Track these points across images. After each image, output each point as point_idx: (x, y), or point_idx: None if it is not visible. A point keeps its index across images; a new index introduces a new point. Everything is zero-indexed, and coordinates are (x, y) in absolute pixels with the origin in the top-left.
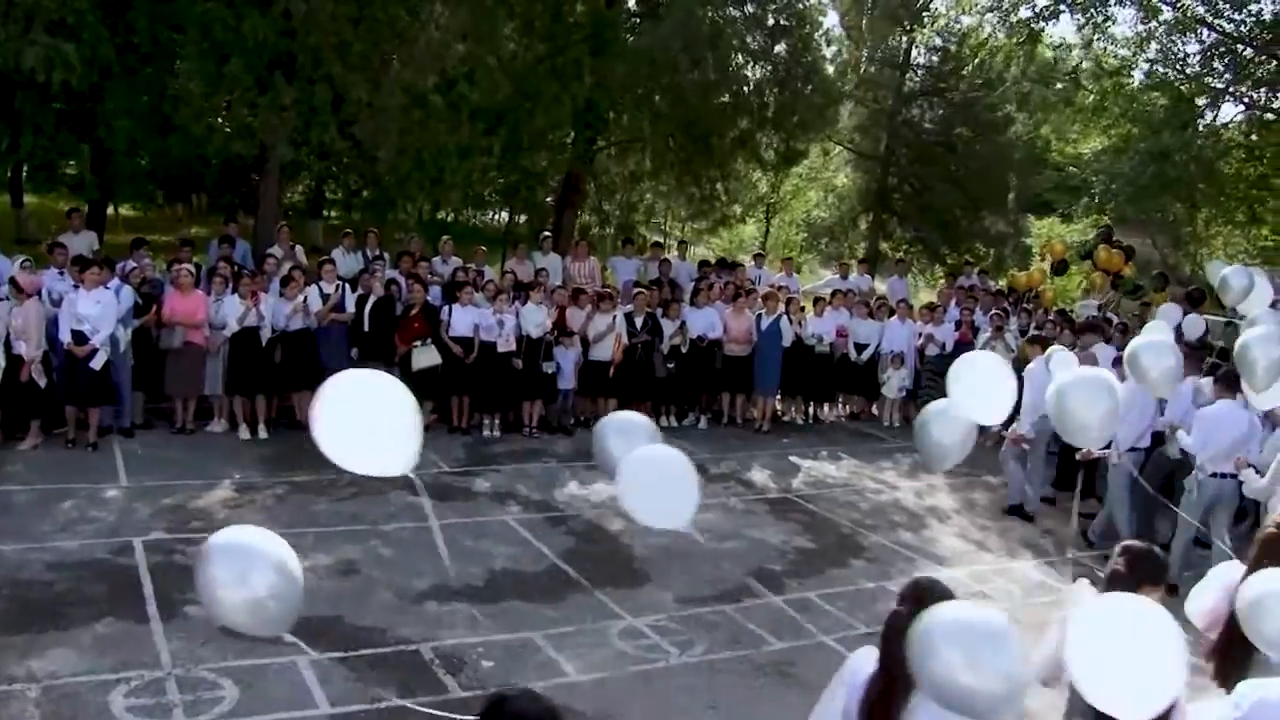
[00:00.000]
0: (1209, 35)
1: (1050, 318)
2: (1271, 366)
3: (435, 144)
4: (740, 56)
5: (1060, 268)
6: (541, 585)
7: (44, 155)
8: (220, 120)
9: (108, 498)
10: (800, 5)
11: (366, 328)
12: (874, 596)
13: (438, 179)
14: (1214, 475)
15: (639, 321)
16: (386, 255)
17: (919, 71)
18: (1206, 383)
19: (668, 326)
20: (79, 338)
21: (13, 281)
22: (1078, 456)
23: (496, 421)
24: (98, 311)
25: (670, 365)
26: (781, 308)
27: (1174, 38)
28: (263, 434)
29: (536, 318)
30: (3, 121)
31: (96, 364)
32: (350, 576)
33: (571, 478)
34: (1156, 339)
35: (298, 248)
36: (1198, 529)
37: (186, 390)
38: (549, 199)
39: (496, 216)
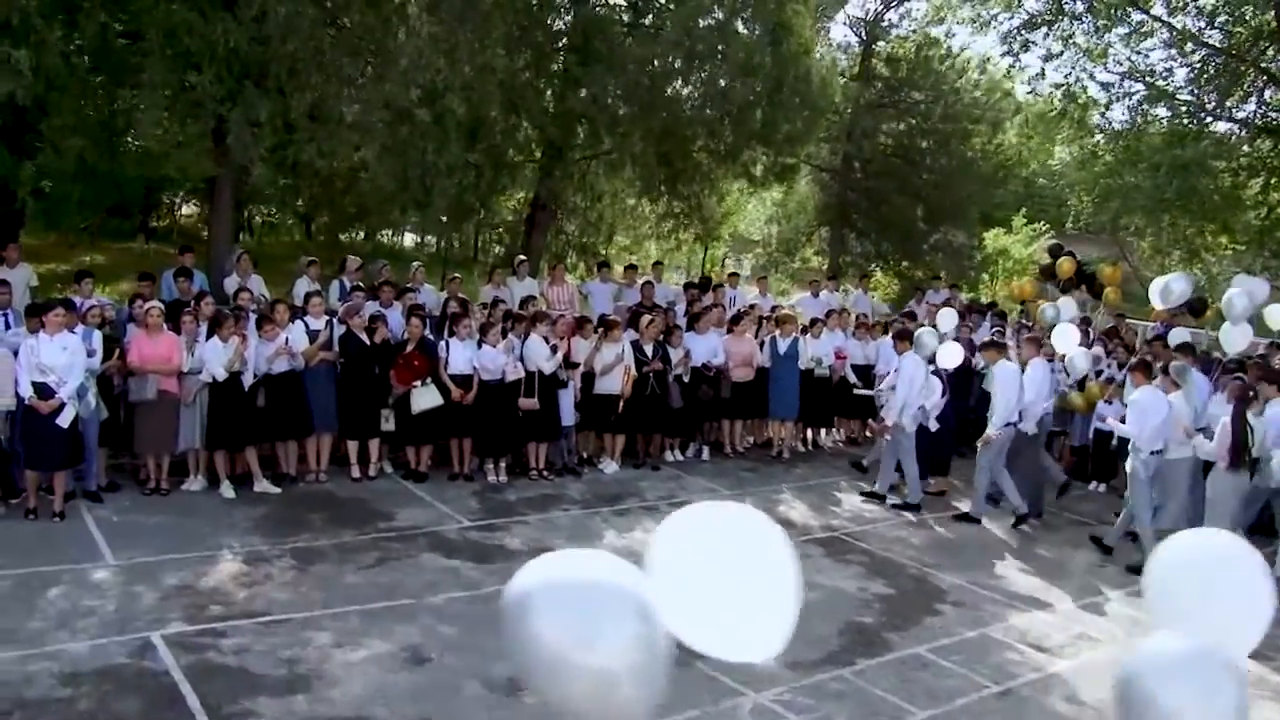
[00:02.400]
0: (1197, 51)
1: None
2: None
3: (422, 162)
4: (726, 69)
5: (1071, 283)
6: None
7: None
8: (183, 138)
9: (98, 581)
10: (788, 14)
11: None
12: (984, 647)
13: (425, 201)
14: (1152, 453)
15: (649, 350)
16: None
17: (878, 84)
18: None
19: (674, 354)
20: (42, 391)
21: None
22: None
23: (503, 465)
24: (65, 360)
25: (702, 394)
26: (797, 329)
27: (1171, 53)
28: (266, 487)
29: (544, 351)
30: None
31: (64, 420)
32: (424, 667)
33: (604, 526)
34: None
35: (255, 278)
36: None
37: (160, 446)
38: (517, 219)
39: (424, 238)
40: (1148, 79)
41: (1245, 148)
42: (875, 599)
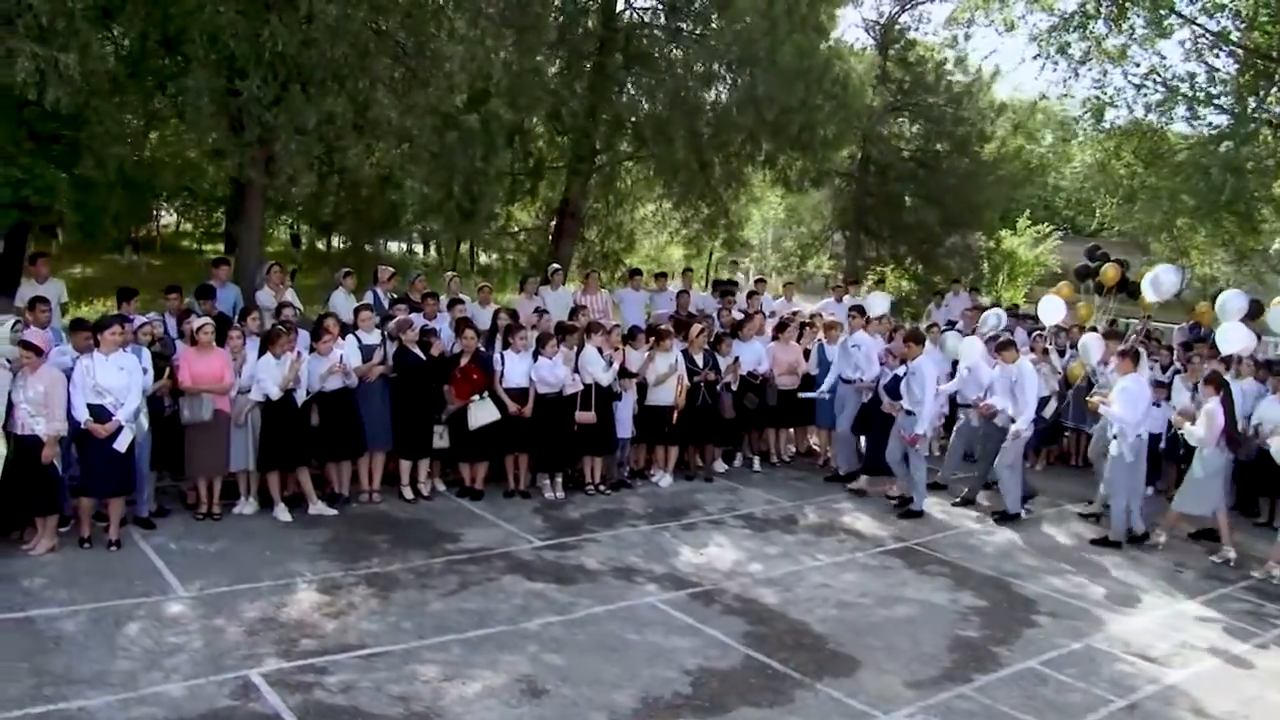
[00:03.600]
0: (1222, 54)
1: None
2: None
3: (470, 168)
4: (769, 75)
5: (1112, 288)
6: (755, 684)
7: (15, 194)
8: (227, 145)
9: (176, 615)
10: (822, 18)
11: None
12: (1093, 659)
13: (470, 211)
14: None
15: (699, 359)
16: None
17: (891, 86)
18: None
19: (723, 363)
20: (99, 413)
21: (24, 342)
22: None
23: (559, 481)
24: (122, 380)
25: (748, 402)
26: (845, 334)
27: (1208, 56)
28: (322, 509)
29: (600, 362)
30: None
31: (121, 445)
32: (542, 698)
33: (677, 542)
34: None
35: (290, 291)
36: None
37: (212, 469)
38: (538, 226)
39: (409, 247)
40: (1180, 82)
41: None
42: (970, 611)
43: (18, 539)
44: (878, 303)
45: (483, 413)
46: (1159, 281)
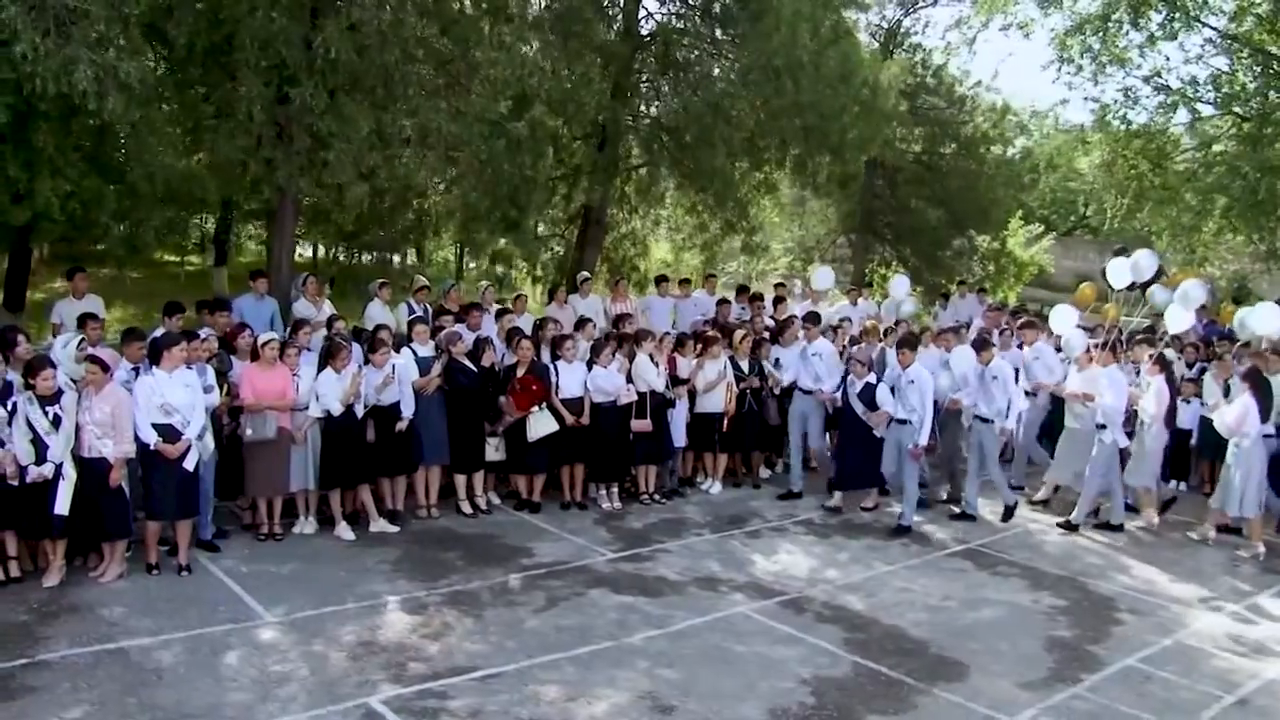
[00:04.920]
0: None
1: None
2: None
3: (518, 176)
4: (809, 81)
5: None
6: (873, 691)
7: (62, 206)
8: (276, 155)
9: (270, 641)
10: (850, 22)
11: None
12: (1189, 655)
13: (515, 222)
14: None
15: (745, 366)
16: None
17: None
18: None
19: (767, 369)
20: (167, 433)
21: (93, 359)
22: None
23: (615, 491)
24: (188, 398)
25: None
26: (881, 339)
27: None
28: (384, 527)
29: (653, 370)
30: (19, 163)
31: (191, 464)
32: (671, 715)
33: (748, 550)
34: None
35: (327, 304)
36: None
37: (273, 488)
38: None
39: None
40: (1187, 85)
41: None
42: (1054, 611)
43: (80, 565)
44: (899, 288)
45: (542, 424)
46: (1138, 266)
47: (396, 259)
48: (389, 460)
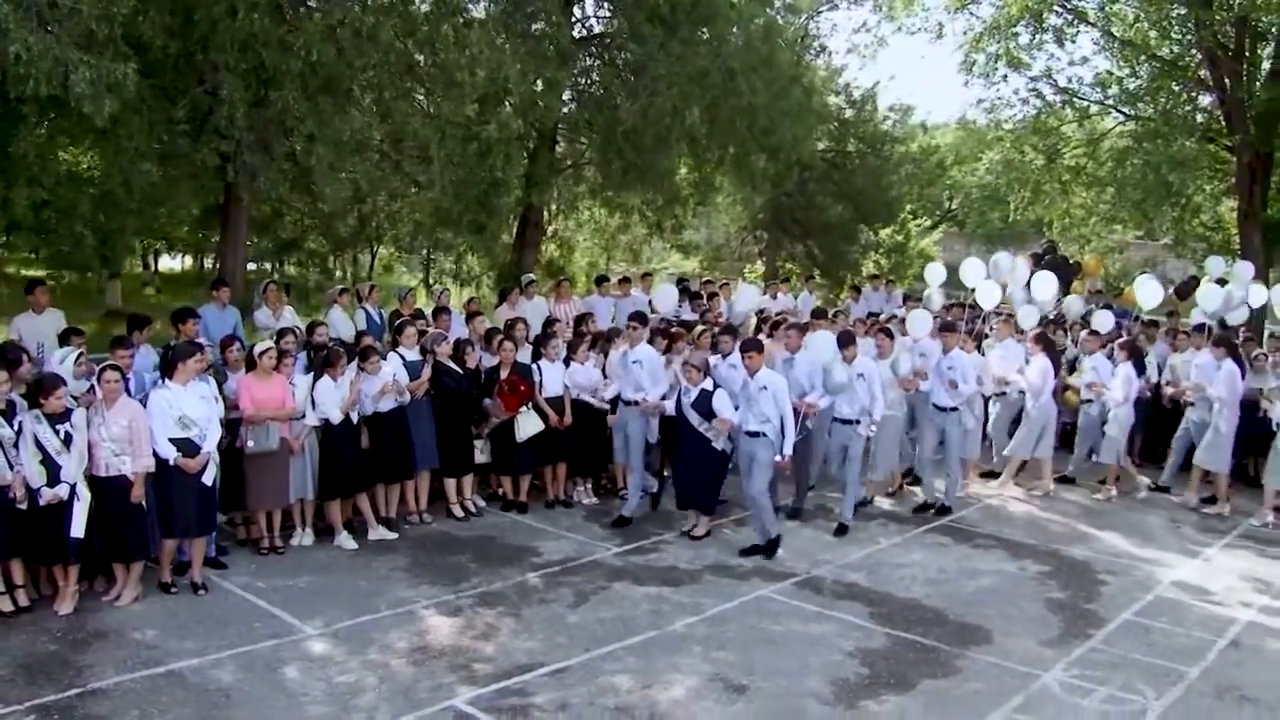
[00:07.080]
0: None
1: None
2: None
3: (488, 178)
4: (758, 83)
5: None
6: (917, 659)
7: (38, 215)
8: (258, 160)
9: (324, 653)
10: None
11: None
12: (1177, 607)
13: (481, 225)
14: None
15: None
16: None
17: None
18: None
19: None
20: (186, 447)
21: (113, 367)
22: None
23: (589, 487)
24: (204, 411)
25: None
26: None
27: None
28: (383, 534)
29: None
30: None
31: (210, 478)
32: (748, 694)
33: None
34: None
35: (288, 309)
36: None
37: (275, 500)
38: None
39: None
40: (1083, 85)
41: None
42: (1043, 576)
43: (88, 589)
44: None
45: (530, 424)
46: (1150, 290)
47: (338, 270)
48: (388, 467)
